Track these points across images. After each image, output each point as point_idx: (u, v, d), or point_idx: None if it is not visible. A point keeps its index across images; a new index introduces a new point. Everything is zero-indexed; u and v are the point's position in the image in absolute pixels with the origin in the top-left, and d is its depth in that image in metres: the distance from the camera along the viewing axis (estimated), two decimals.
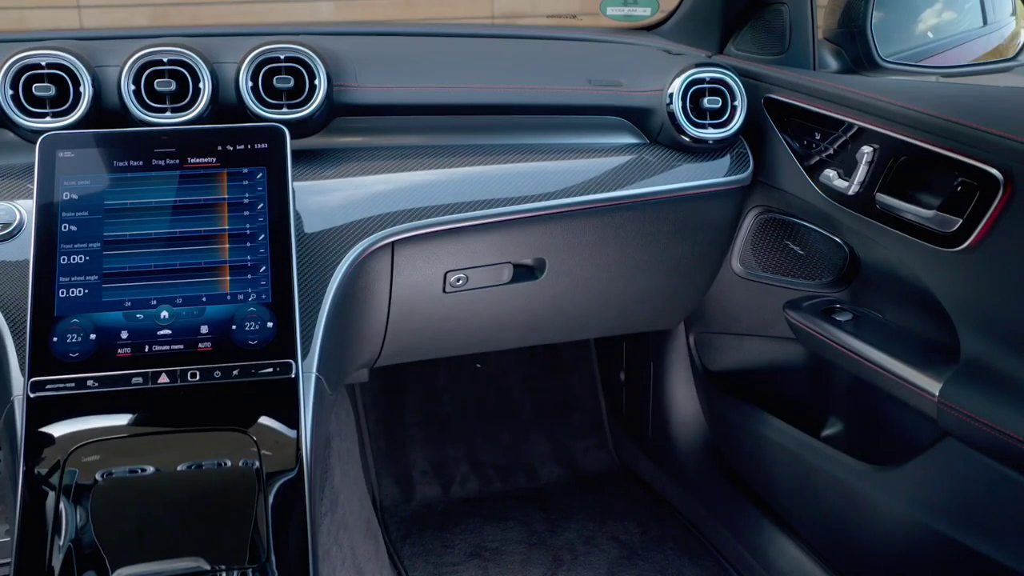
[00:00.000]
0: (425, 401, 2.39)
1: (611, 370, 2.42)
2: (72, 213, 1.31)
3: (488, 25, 3.37)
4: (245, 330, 1.28)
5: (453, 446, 2.36)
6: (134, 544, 1.16)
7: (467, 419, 2.40)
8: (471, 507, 2.19)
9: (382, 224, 1.45)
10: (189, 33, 1.53)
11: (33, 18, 4.60)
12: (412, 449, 2.32)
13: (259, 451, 1.22)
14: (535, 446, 2.40)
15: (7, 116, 1.39)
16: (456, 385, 2.42)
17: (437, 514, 2.17)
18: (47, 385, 1.23)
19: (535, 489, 2.29)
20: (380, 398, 2.35)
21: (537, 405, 2.46)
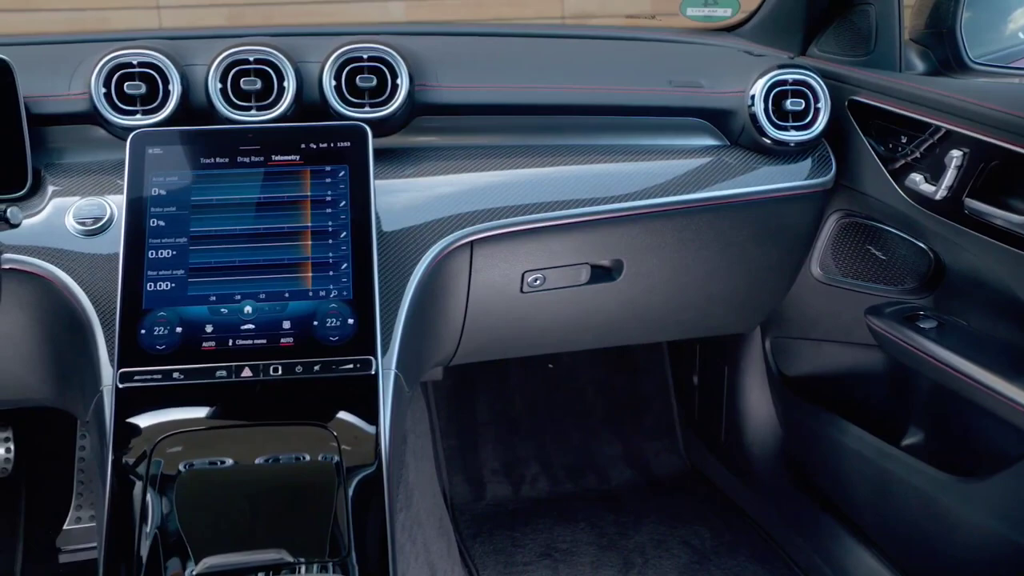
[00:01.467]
0: (496, 400, 2.40)
1: (684, 373, 2.39)
2: (160, 209, 1.34)
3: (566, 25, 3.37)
4: (326, 326, 1.30)
5: (524, 446, 2.36)
6: (217, 534, 1.18)
7: (538, 419, 2.40)
8: (541, 507, 2.19)
9: (461, 223, 1.45)
10: (273, 32, 1.55)
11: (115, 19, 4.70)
12: (483, 448, 2.33)
13: (339, 446, 1.24)
14: (606, 447, 2.39)
15: (100, 113, 1.43)
16: (527, 385, 2.42)
17: (507, 513, 2.17)
18: (135, 376, 1.26)
19: (605, 491, 2.28)
20: (452, 396, 2.36)
21: (608, 406, 2.45)
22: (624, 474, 2.34)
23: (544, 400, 2.43)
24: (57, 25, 4.57)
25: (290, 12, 4.68)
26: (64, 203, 1.40)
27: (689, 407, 2.38)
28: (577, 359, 2.45)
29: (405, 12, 4.75)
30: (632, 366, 2.48)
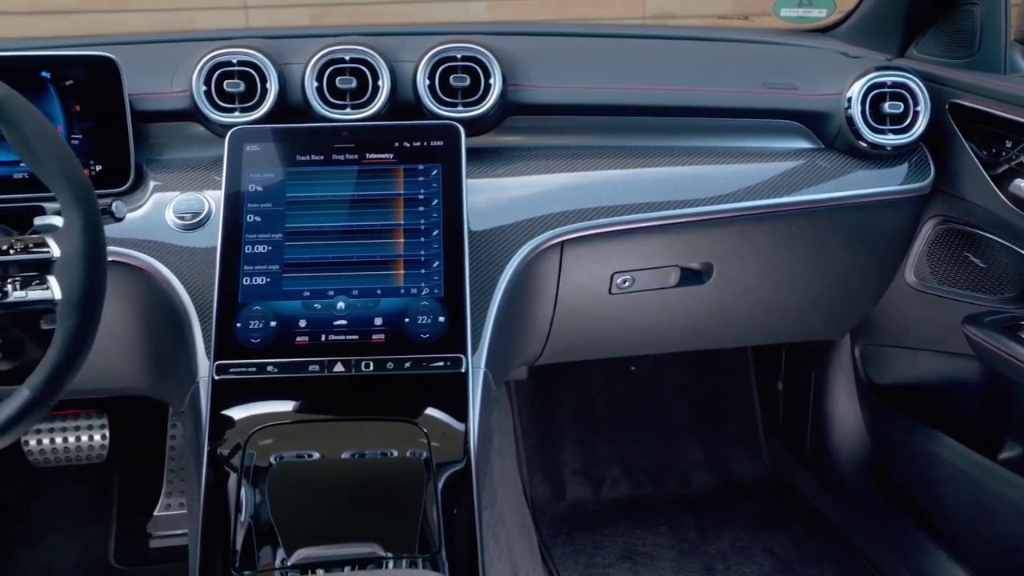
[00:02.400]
0: (578, 401, 2.39)
1: (768, 378, 2.36)
2: (257, 205, 1.37)
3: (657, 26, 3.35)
4: (417, 324, 1.31)
5: (605, 447, 2.35)
6: (307, 526, 1.20)
7: (619, 421, 2.39)
8: (622, 510, 2.18)
9: (552, 223, 1.45)
10: (368, 32, 1.57)
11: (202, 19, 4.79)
12: (564, 448, 2.33)
13: (429, 442, 1.25)
14: (687, 451, 2.36)
15: (200, 110, 1.46)
16: (610, 386, 2.41)
17: (588, 515, 2.17)
18: (231, 369, 1.28)
19: (686, 495, 2.26)
20: (534, 396, 2.36)
21: (690, 410, 2.42)
22: (705, 478, 2.32)
23: (626, 402, 2.41)
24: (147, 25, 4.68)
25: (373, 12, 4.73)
26: (164, 198, 1.43)
27: (773, 413, 2.35)
28: (659, 361, 2.43)
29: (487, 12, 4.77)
30: (715, 370, 2.46)
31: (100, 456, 2.15)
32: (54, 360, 1.07)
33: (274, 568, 1.17)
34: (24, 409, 1.07)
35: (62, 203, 1.09)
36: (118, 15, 4.69)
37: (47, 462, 2.14)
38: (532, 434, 2.34)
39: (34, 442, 2.10)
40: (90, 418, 2.14)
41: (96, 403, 2.14)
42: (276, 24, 5.03)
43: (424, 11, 4.72)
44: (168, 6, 4.70)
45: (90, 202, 1.10)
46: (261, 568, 1.17)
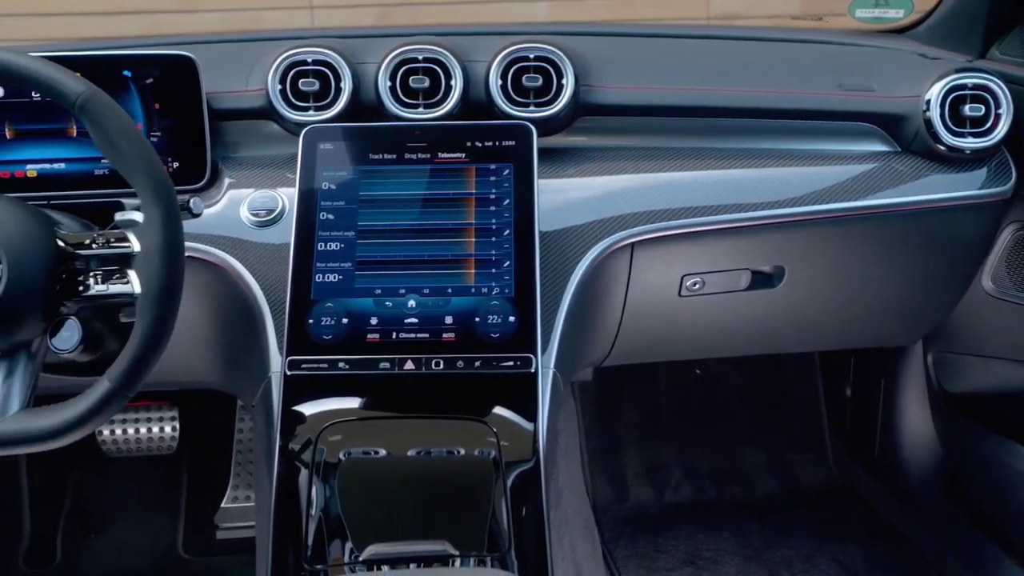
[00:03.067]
0: (642, 403, 2.38)
1: (836, 384, 2.33)
2: (330, 202, 1.38)
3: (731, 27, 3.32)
4: (488, 323, 1.31)
5: (668, 450, 2.33)
6: (378, 523, 1.21)
7: (683, 424, 2.37)
8: (685, 513, 2.17)
9: (623, 225, 1.44)
10: (440, 32, 1.57)
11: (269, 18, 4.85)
12: (627, 451, 2.32)
13: (498, 441, 1.25)
14: (751, 456, 2.34)
15: (275, 109, 1.48)
16: (674, 389, 2.39)
17: (650, 517, 2.16)
18: (303, 364, 1.30)
19: (750, 500, 2.24)
20: (597, 397, 2.36)
21: (755, 415, 2.40)
22: (769, 484, 2.29)
23: (690, 405, 2.40)
24: (215, 24, 4.75)
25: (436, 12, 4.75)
26: (239, 195, 1.45)
27: (840, 419, 2.31)
28: (724, 365, 2.41)
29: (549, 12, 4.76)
30: (780, 375, 2.43)
31: (170, 448, 2.19)
32: (133, 352, 1.09)
33: (343, 563, 1.18)
34: (104, 400, 1.09)
35: (143, 199, 1.11)
36: (187, 15, 4.77)
37: (119, 452, 2.19)
38: (595, 435, 2.34)
39: (107, 432, 2.15)
40: (161, 410, 2.18)
41: (167, 396, 2.19)
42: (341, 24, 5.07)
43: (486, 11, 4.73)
44: (236, 6, 4.76)
45: (170, 199, 1.12)
46: (331, 562, 1.18)
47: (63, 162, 1.45)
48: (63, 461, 2.22)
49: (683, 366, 2.40)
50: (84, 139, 1.44)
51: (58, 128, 1.44)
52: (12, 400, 1.12)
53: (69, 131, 1.44)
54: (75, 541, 2.15)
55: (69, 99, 1.10)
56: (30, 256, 1.10)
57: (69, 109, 1.11)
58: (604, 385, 2.37)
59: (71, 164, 1.45)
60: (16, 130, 1.43)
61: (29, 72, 1.10)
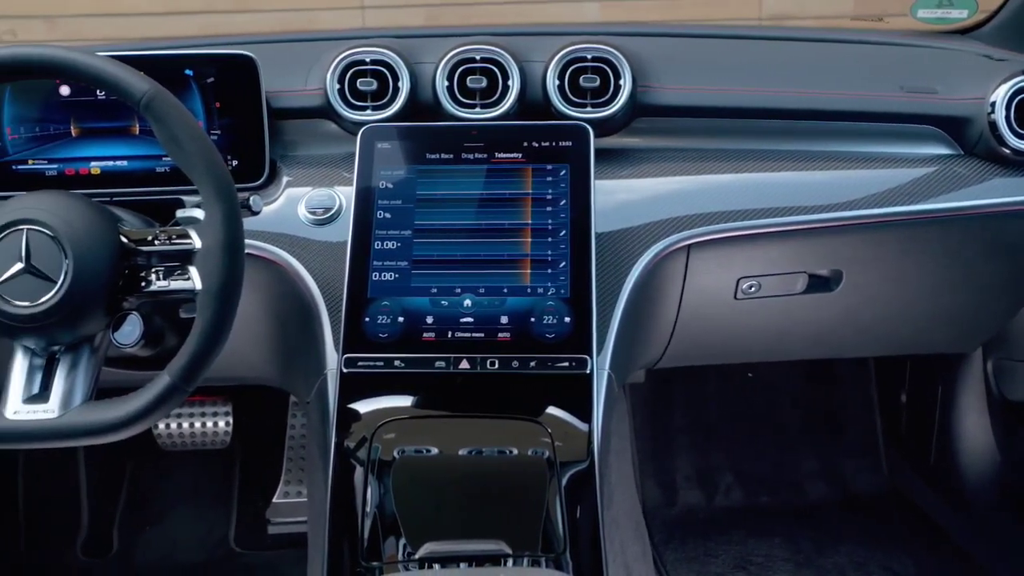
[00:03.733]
0: (692, 406, 2.37)
1: (891, 390, 2.29)
2: (387, 201, 1.39)
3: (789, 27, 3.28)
4: (543, 323, 1.31)
5: (718, 454, 2.32)
6: (432, 521, 1.22)
7: (734, 428, 2.36)
8: (735, 518, 2.15)
9: (679, 227, 1.44)
10: (497, 32, 1.58)
11: (322, 18, 4.89)
12: (677, 454, 2.31)
13: (553, 442, 1.25)
14: (803, 462, 2.31)
15: (333, 108, 1.49)
16: (724, 392, 2.38)
17: (700, 521, 2.14)
18: (359, 362, 1.31)
19: (801, 506, 2.22)
20: (647, 399, 2.35)
21: (807, 420, 2.37)
22: (821, 490, 2.27)
23: (741, 409, 2.38)
24: (269, 24, 4.80)
25: (486, 12, 4.76)
26: (297, 193, 1.47)
27: (895, 425, 2.28)
28: (776, 369, 2.39)
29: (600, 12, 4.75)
30: (834, 379, 2.40)
31: (224, 442, 2.22)
32: (194, 348, 1.11)
33: (397, 560, 1.19)
34: (165, 394, 1.11)
35: (204, 197, 1.13)
36: (242, 15, 4.82)
37: (174, 445, 2.23)
38: (645, 437, 2.33)
39: (163, 426, 2.19)
40: (215, 405, 2.21)
41: (221, 391, 2.21)
42: (391, 23, 5.10)
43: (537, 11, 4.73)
44: (290, 6, 4.81)
45: (231, 196, 1.13)
46: (386, 560, 1.19)
47: (126, 160, 1.47)
48: (120, 454, 2.26)
49: (734, 369, 2.38)
50: (146, 137, 1.46)
51: (121, 126, 1.46)
52: (76, 393, 1.15)
53: (132, 129, 1.47)
54: (131, 532, 2.19)
55: (134, 97, 1.12)
56: (95, 252, 1.13)
57: (134, 107, 1.13)
58: (654, 387, 2.36)
59: (133, 162, 1.47)
60: (81, 128, 1.46)
61: (96, 71, 1.12)
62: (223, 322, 1.12)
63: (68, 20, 4.77)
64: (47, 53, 1.12)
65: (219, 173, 1.13)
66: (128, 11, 4.75)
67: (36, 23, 4.73)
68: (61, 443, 1.16)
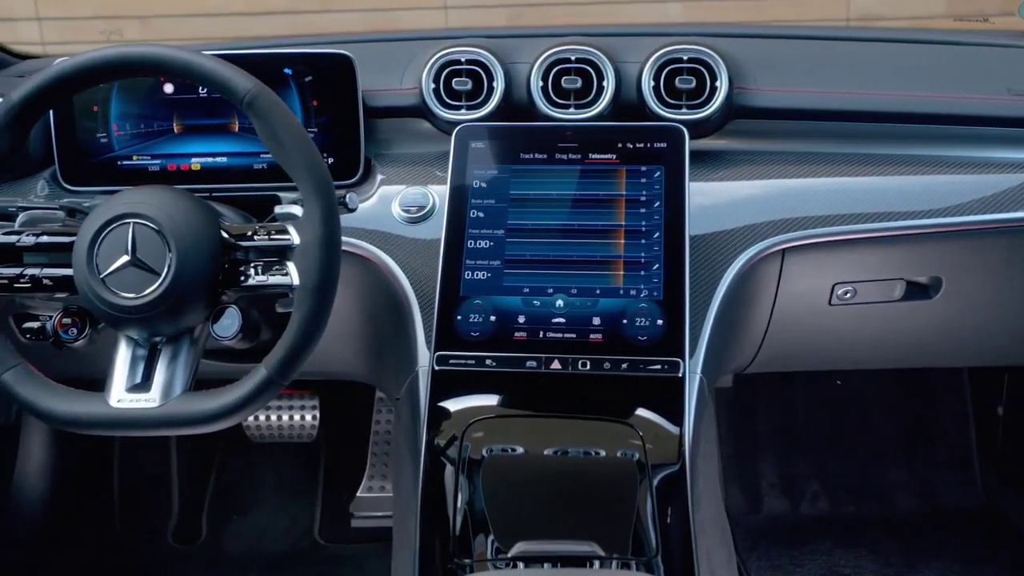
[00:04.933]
0: (778, 412, 2.33)
1: (987, 402, 2.23)
2: (480, 200, 1.39)
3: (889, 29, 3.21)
4: (635, 325, 1.30)
5: (804, 462, 2.28)
6: (522, 521, 1.22)
7: (821, 435, 2.31)
8: (821, 527, 2.11)
9: (774, 230, 1.41)
10: (592, 32, 1.57)
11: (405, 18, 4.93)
12: (762, 460, 2.27)
13: (644, 444, 1.24)
14: (892, 473, 2.26)
15: (428, 107, 1.50)
16: (812, 399, 2.33)
17: (785, 529, 2.11)
18: (450, 360, 1.31)
19: (890, 518, 2.17)
20: (732, 404, 2.32)
21: (897, 430, 2.32)
22: (910, 503, 2.21)
23: (828, 416, 2.33)
24: (353, 24, 4.86)
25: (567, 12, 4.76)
26: (390, 191, 1.48)
27: (991, 439, 2.22)
28: (866, 377, 2.34)
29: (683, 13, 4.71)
30: (926, 390, 2.34)
31: (310, 436, 2.25)
32: (290, 342, 1.12)
33: (487, 559, 1.19)
34: (262, 387, 1.13)
35: (304, 193, 1.14)
36: (326, 15, 4.89)
37: (262, 438, 2.27)
38: (729, 442, 2.30)
39: (252, 418, 2.23)
40: (303, 399, 2.25)
41: (309, 385, 2.25)
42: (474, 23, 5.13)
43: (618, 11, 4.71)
44: (374, 6, 4.87)
45: (330, 193, 1.15)
46: (476, 557, 1.20)
47: (225, 156, 1.50)
48: (209, 445, 2.31)
49: (822, 375, 2.34)
50: (245, 134, 1.49)
51: (221, 123, 1.50)
52: (175, 383, 1.17)
53: (231, 126, 1.50)
54: (219, 521, 2.23)
55: (238, 95, 1.14)
56: (197, 246, 1.15)
57: (237, 105, 1.15)
58: (739, 392, 2.33)
59: (232, 158, 1.50)
60: (183, 125, 1.50)
61: (202, 69, 1.15)
62: (319, 317, 1.14)
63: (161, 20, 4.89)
64: (156, 52, 1.15)
65: (319, 171, 1.14)
66: (217, 11, 4.86)
67: (131, 23, 4.87)
68: (161, 432, 1.18)
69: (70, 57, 1.17)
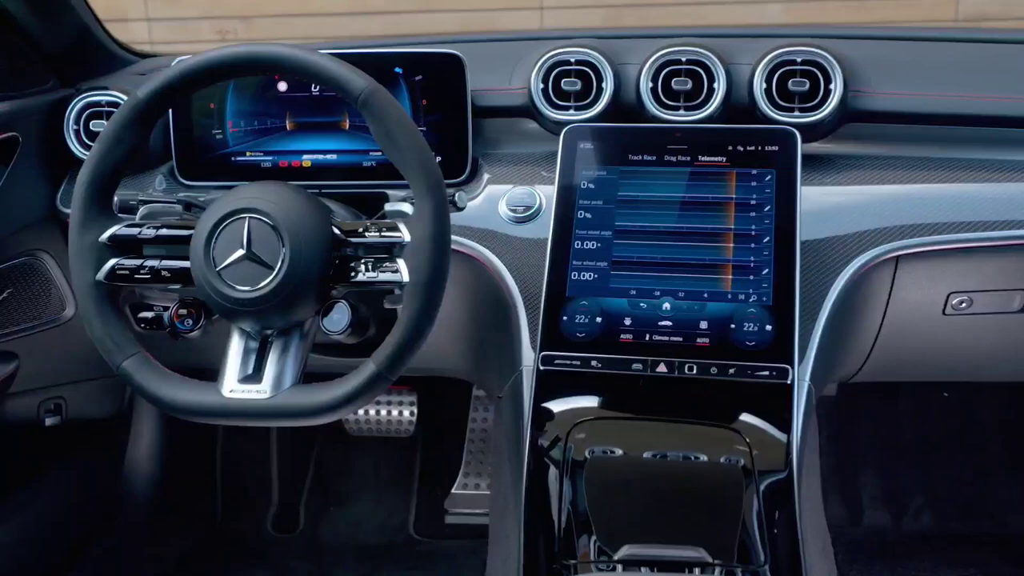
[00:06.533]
0: (881, 423, 2.27)
1: None
2: (588, 201, 1.39)
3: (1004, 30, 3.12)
4: (743, 330, 1.28)
5: (908, 475, 2.21)
6: (627, 524, 1.21)
7: (926, 448, 2.24)
8: (925, 543, 2.05)
9: (887, 237, 1.38)
10: (702, 33, 1.56)
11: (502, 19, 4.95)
12: (863, 471, 2.22)
13: (751, 450, 1.22)
14: (1003, 490, 2.18)
15: (536, 107, 1.51)
16: (917, 411, 2.27)
17: (887, 544, 2.06)
18: (555, 360, 1.31)
19: (1000, 537, 2.09)
20: (833, 413, 2.27)
21: (1009, 446, 2.23)
22: (1022, 522, 2.13)
23: (934, 429, 2.26)
24: (451, 24, 4.91)
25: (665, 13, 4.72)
26: (497, 191, 1.49)
27: None
28: (976, 390, 2.26)
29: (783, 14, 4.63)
30: None
31: (408, 431, 2.28)
32: (399, 338, 1.14)
33: (591, 560, 1.19)
34: (370, 382, 1.14)
35: (416, 191, 1.15)
36: (424, 15, 4.95)
37: (360, 431, 2.30)
38: (829, 452, 2.25)
39: (352, 412, 2.26)
40: (401, 395, 2.28)
41: (407, 381, 2.27)
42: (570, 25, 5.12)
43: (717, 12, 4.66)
44: (469, 7, 4.90)
45: (441, 192, 1.16)
46: (580, 558, 1.19)
47: (335, 153, 1.53)
48: (309, 437, 2.35)
49: (928, 386, 2.27)
50: (356, 132, 1.52)
51: (332, 121, 1.52)
52: (286, 375, 1.19)
53: (342, 124, 1.52)
54: (316, 511, 2.28)
55: (353, 94, 1.15)
56: (310, 241, 1.17)
57: (351, 103, 1.16)
58: (842, 401, 2.28)
59: (342, 155, 1.53)
60: (295, 122, 1.53)
61: (319, 68, 1.17)
62: (428, 314, 1.15)
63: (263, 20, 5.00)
64: (276, 51, 1.17)
65: (431, 169, 1.15)
66: (317, 11, 4.95)
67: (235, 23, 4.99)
68: (272, 423, 1.21)
69: (192, 56, 1.20)
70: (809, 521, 1.73)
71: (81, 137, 1.61)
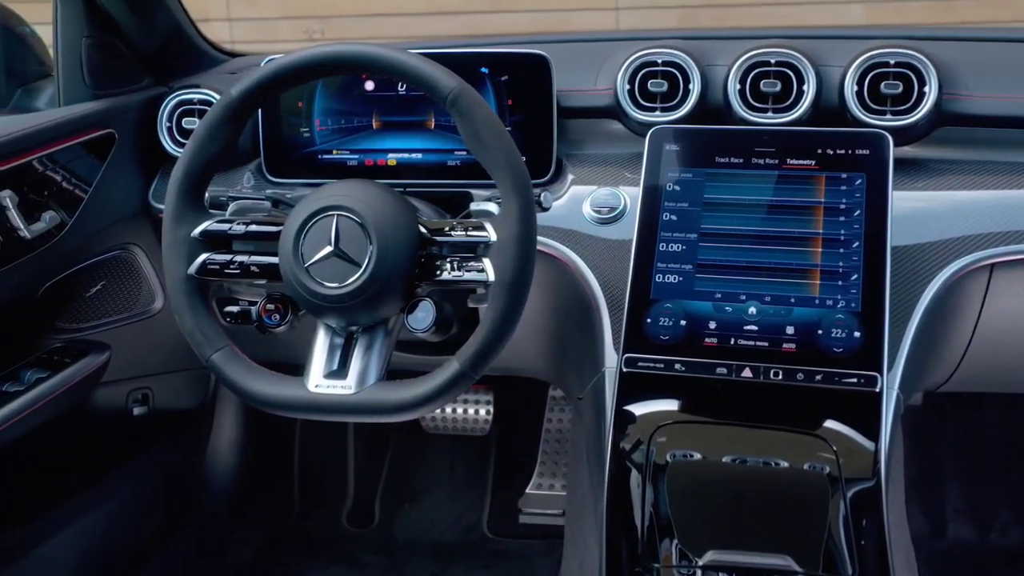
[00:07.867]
0: (966, 434, 2.21)
1: None
2: (673, 204, 1.38)
3: None
4: (831, 336, 1.26)
5: (994, 488, 2.16)
6: (710, 529, 1.20)
7: (1014, 462, 2.18)
8: (1012, 560, 2.00)
9: (981, 244, 1.35)
10: (791, 35, 1.54)
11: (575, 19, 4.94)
12: (947, 483, 2.17)
13: (837, 458, 1.20)
14: None
15: (622, 108, 1.50)
16: (1005, 423, 2.21)
17: (971, 558, 2.01)
18: (639, 363, 1.31)
19: None
20: (916, 422, 2.22)
21: None
22: None
23: (1021, 442, 2.20)
24: (525, 24, 4.91)
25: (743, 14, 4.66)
26: (581, 192, 1.48)
27: None
28: None
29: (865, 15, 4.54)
30: None
31: (483, 430, 2.29)
32: (484, 338, 1.14)
33: (673, 565, 1.18)
34: (454, 380, 1.15)
35: (502, 191, 1.16)
36: (499, 15, 4.96)
37: (436, 429, 2.32)
38: (913, 462, 2.20)
39: None
40: (478, 393, 2.29)
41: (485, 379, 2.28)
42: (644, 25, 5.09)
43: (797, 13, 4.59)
44: (544, 7, 4.90)
45: (528, 192, 1.16)
46: (663, 563, 1.19)
47: (420, 152, 1.54)
48: (385, 433, 2.38)
49: (1016, 397, 2.21)
50: (441, 131, 1.53)
51: (418, 120, 1.53)
52: (370, 372, 1.20)
53: (427, 123, 1.53)
54: (391, 507, 2.30)
55: (441, 93, 1.16)
56: (397, 239, 1.18)
57: (440, 102, 1.17)
58: (927, 410, 2.23)
59: (427, 155, 1.54)
60: (381, 121, 1.54)
61: (409, 67, 1.18)
62: (513, 314, 1.15)
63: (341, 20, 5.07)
64: (366, 50, 1.18)
65: (518, 169, 1.15)
66: (393, 11, 4.99)
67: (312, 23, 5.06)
68: (356, 418, 1.22)
69: (283, 55, 1.22)
70: (894, 531, 1.69)
71: (173, 134, 1.65)
